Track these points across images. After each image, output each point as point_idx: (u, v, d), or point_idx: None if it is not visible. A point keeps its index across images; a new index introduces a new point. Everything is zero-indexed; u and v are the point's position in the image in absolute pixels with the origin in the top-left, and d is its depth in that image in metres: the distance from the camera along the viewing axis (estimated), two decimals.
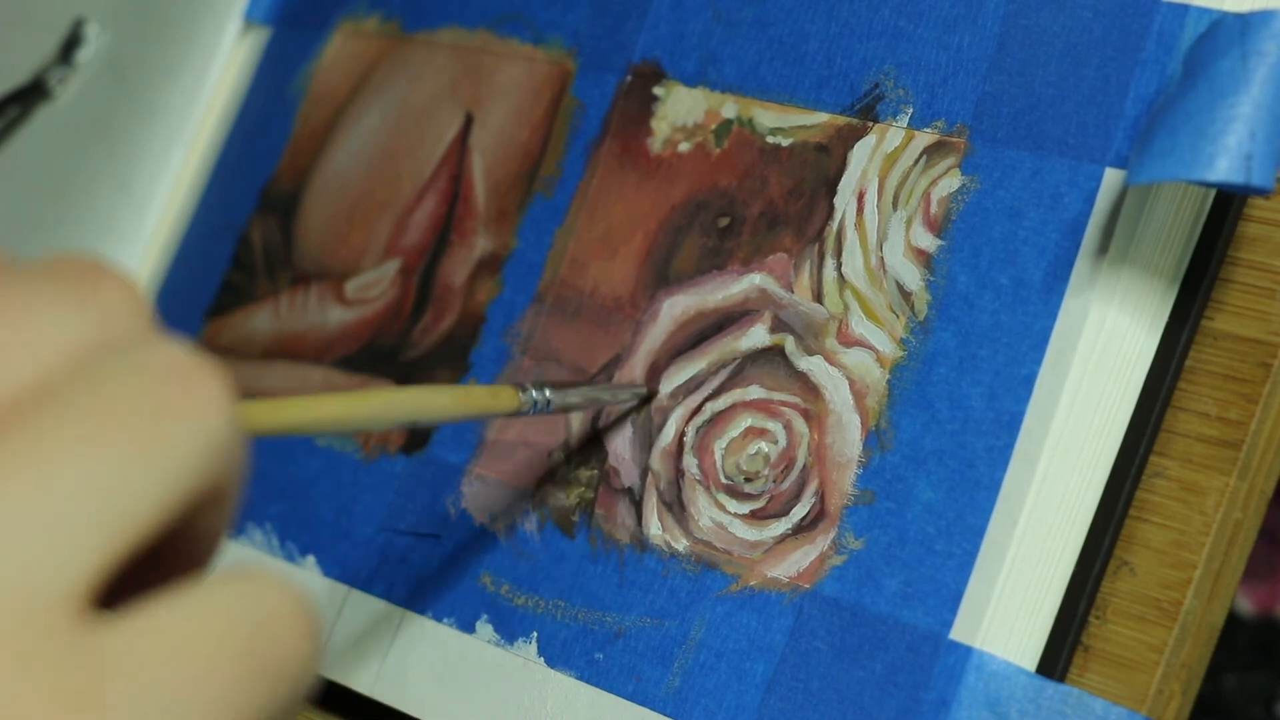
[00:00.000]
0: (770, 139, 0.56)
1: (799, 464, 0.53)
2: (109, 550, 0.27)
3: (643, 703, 0.53)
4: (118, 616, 0.27)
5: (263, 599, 0.29)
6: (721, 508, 0.54)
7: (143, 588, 0.28)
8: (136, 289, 0.30)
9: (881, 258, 0.53)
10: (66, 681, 0.26)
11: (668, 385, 0.56)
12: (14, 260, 0.30)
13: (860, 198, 0.54)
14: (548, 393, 0.52)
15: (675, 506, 0.54)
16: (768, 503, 0.53)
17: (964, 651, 0.48)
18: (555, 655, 0.55)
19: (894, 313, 0.52)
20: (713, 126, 0.57)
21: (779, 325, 0.54)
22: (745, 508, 0.53)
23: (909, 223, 0.53)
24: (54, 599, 0.27)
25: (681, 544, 0.54)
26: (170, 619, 0.28)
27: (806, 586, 0.51)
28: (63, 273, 0.29)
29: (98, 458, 0.27)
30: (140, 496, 0.27)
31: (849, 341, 0.53)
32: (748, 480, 0.54)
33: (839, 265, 0.54)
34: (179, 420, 0.28)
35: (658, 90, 0.59)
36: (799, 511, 0.52)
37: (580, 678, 0.54)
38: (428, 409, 0.47)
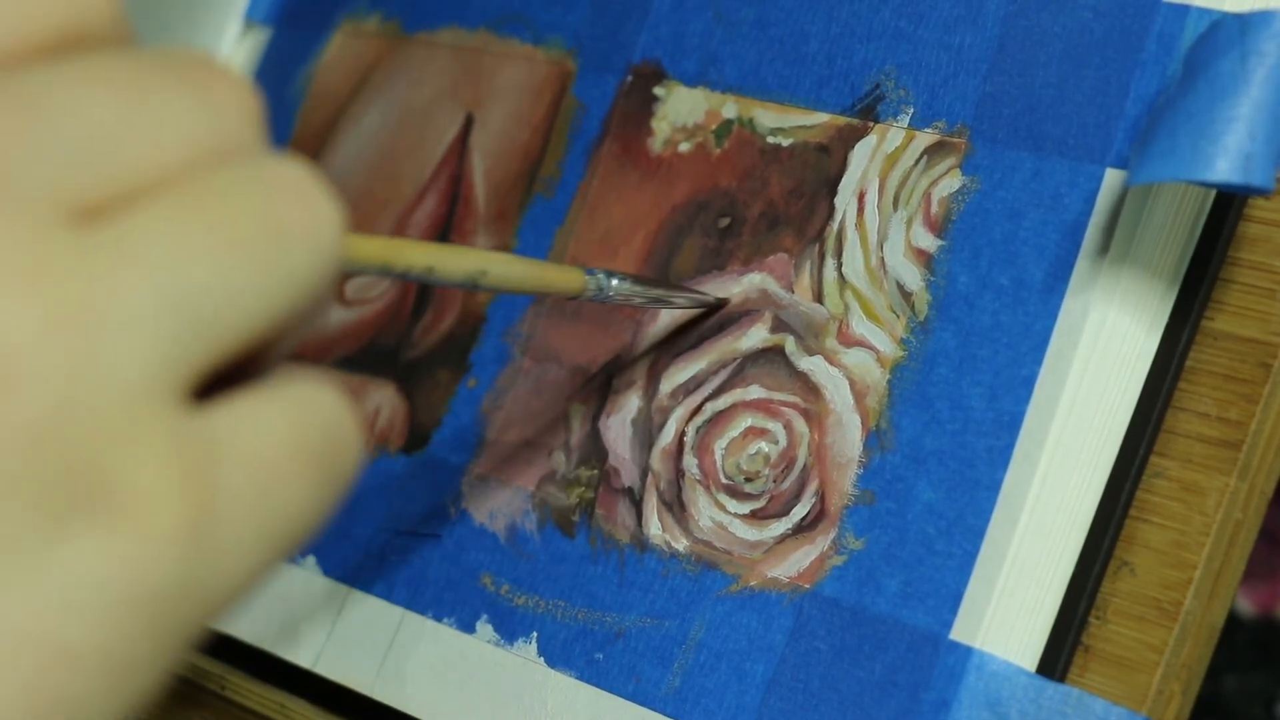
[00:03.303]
0: (771, 139, 0.56)
1: (799, 464, 0.53)
2: (221, 344, 0.28)
3: (643, 703, 0.53)
4: (220, 406, 0.28)
5: (327, 402, 0.30)
6: (721, 508, 0.54)
7: (215, 388, 0.29)
8: (253, 94, 0.29)
9: (882, 258, 0.53)
10: (185, 457, 0.27)
11: (668, 385, 0.56)
12: (134, 40, 0.29)
13: (861, 198, 0.54)
14: (614, 281, 0.52)
15: (675, 506, 0.54)
16: (768, 503, 0.53)
17: (964, 652, 0.48)
18: (555, 655, 0.55)
19: (894, 313, 0.52)
20: (713, 127, 0.57)
21: (779, 325, 0.54)
22: (745, 508, 0.53)
23: (909, 223, 0.53)
24: (171, 381, 0.27)
25: (681, 544, 0.54)
26: (270, 413, 0.28)
27: (806, 587, 0.51)
28: (182, 67, 0.29)
29: (221, 255, 0.27)
30: (253, 301, 0.28)
31: (849, 341, 0.53)
32: (748, 480, 0.54)
33: (839, 265, 0.54)
34: (298, 238, 0.28)
35: (658, 90, 0.59)
36: (799, 511, 0.52)
37: (580, 678, 0.54)
38: (502, 274, 0.48)
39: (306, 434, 0.29)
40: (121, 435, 0.26)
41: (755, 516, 0.53)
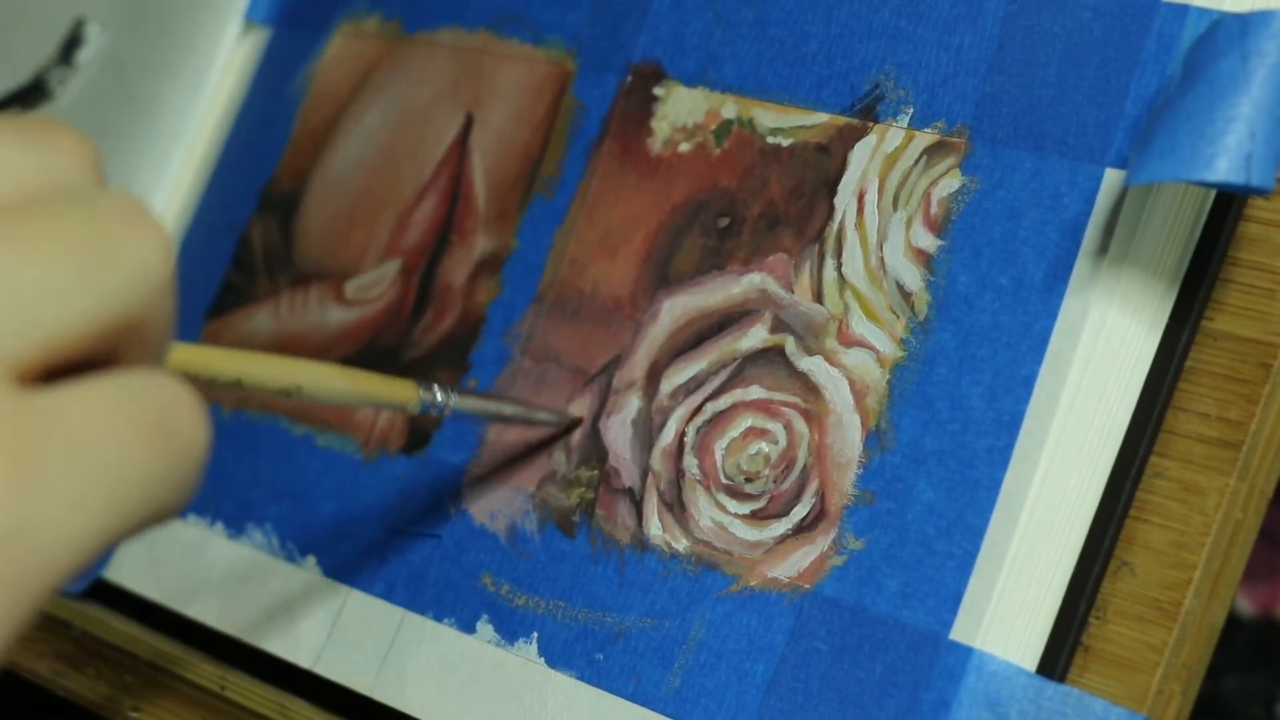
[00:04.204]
0: (770, 139, 0.56)
1: (799, 464, 0.53)
2: (42, 340, 0.31)
3: (643, 703, 0.53)
4: (48, 388, 0.32)
5: (167, 388, 0.33)
6: (722, 508, 0.54)
7: None
8: (91, 146, 0.34)
9: (882, 258, 0.53)
10: (4, 418, 0.30)
11: (668, 385, 0.56)
12: None
13: (860, 198, 0.54)
14: (452, 397, 0.52)
15: (676, 507, 0.54)
16: (768, 503, 0.53)
17: (964, 652, 0.48)
18: (556, 655, 0.55)
19: (894, 313, 0.52)
20: (713, 127, 0.57)
21: (779, 325, 0.54)
22: (745, 508, 0.53)
23: (909, 223, 0.53)
24: None
25: (682, 544, 0.54)
26: (92, 390, 0.32)
27: (807, 587, 0.51)
28: (20, 122, 0.33)
29: (43, 261, 0.31)
30: (74, 304, 0.31)
31: (849, 342, 0.53)
32: (748, 480, 0.54)
33: (839, 265, 0.54)
34: (119, 249, 0.32)
35: (658, 90, 0.59)
36: (799, 512, 0.52)
37: (581, 678, 0.54)
38: (319, 388, 0.48)
39: (134, 406, 0.32)
40: None
41: (755, 517, 0.53)
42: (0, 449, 0.30)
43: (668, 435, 0.55)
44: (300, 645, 0.60)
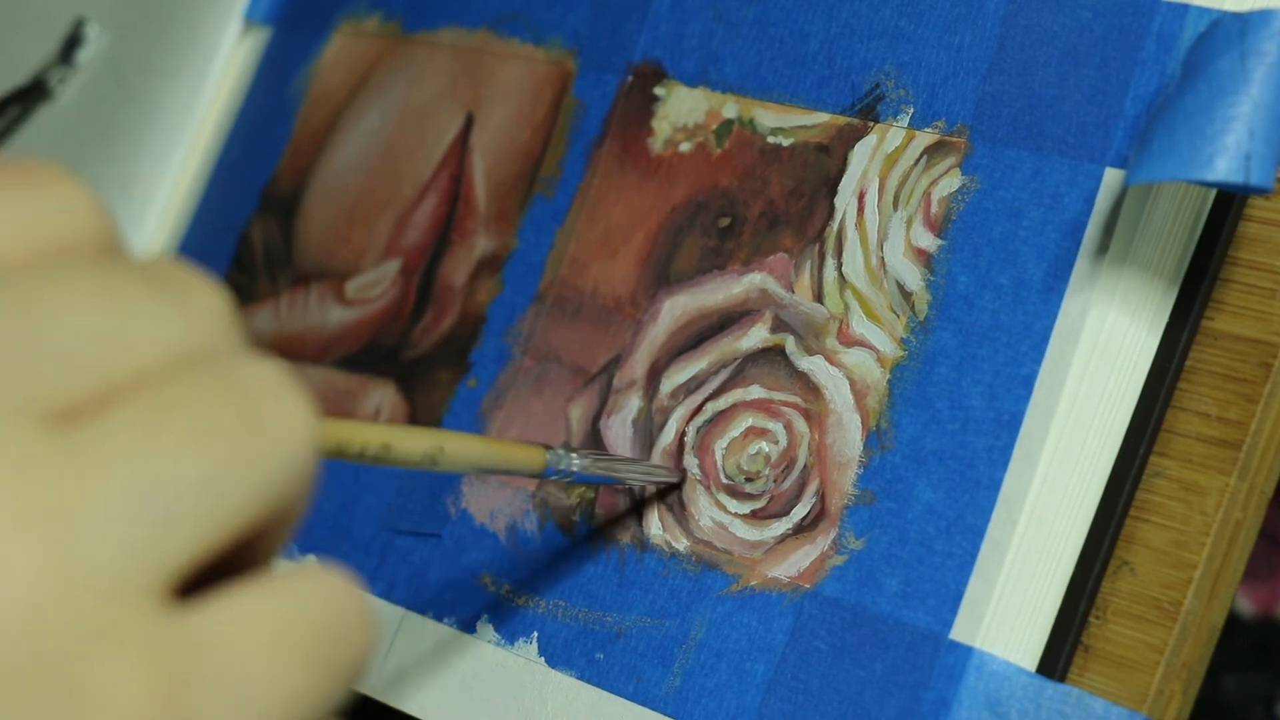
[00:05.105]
0: (771, 139, 0.56)
1: (799, 464, 0.53)
2: (198, 545, 0.28)
3: (643, 703, 0.53)
4: (198, 604, 0.28)
5: (333, 598, 0.30)
6: (722, 508, 0.54)
7: (205, 588, 0.29)
8: (225, 297, 0.30)
9: (882, 257, 0.53)
10: (158, 660, 0.27)
11: (668, 385, 0.56)
12: (121, 248, 0.30)
13: (861, 198, 0.54)
14: (574, 458, 0.51)
15: (676, 506, 0.54)
16: (768, 503, 0.53)
17: (964, 651, 0.48)
18: (556, 655, 0.55)
19: (894, 312, 0.52)
20: (713, 126, 0.57)
21: (779, 325, 0.54)
22: (746, 508, 0.53)
23: (909, 222, 0.53)
24: (146, 583, 0.27)
25: (682, 544, 0.54)
26: (251, 609, 0.28)
27: (807, 586, 0.51)
28: (160, 274, 0.30)
29: (198, 456, 0.28)
30: (230, 501, 0.28)
31: (849, 341, 0.53)
32: (748, 480, 0.54)
33: (839, 265, 0.54)
34: (271, 436, 0.29)
35: (658, 90, 0.59)
36: (799, 511, 0.52)
37: (581, 678, 0.54)
38: (459, 453, 0.47)
39: (296, 629, 0.29)
40: (94, 640, 0.26)
41: (755, 516, 0.53)
42: (148, 696, 0.27)
43: (668, 435, 0.55)
44: None
